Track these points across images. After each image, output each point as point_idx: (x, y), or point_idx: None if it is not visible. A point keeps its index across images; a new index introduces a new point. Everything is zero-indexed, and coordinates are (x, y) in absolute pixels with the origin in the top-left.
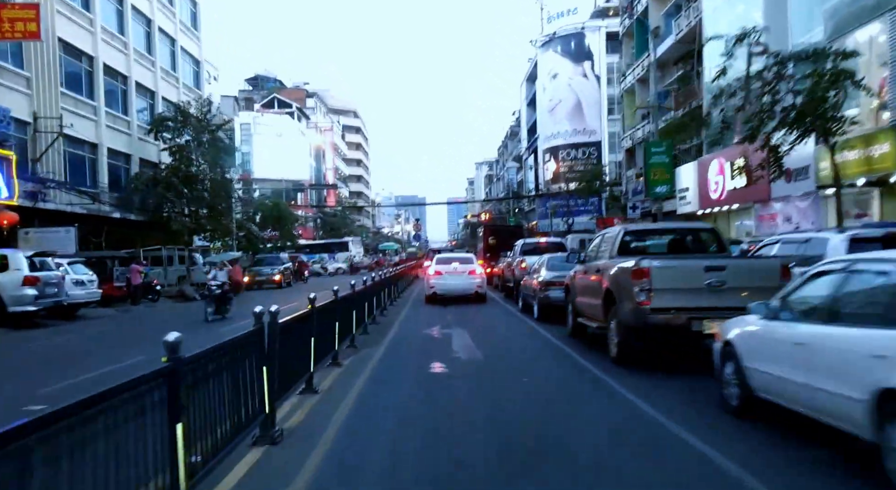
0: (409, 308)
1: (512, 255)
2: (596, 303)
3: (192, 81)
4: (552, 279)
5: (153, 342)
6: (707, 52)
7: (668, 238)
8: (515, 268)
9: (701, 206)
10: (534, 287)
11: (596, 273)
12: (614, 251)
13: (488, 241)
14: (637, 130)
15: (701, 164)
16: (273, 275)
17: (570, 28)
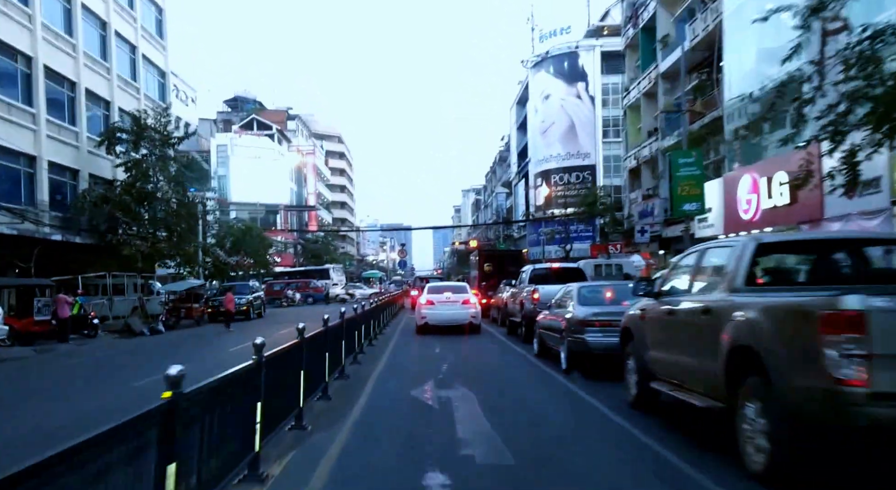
0: (393, 350)
1: (517, 283)
2: (704, 366)
3: (157, 94)
4: (590, 318)
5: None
6: (729, 56)
7: (821, 255)
8: (525, 299)
9: (727, 229)
10: (559, 326)
11: (701, 316)
12: (738, 280)
13: (483, 267)
14: (643, 148)
15: (728, 181)
16: (240, 305)
17: (564, 47)
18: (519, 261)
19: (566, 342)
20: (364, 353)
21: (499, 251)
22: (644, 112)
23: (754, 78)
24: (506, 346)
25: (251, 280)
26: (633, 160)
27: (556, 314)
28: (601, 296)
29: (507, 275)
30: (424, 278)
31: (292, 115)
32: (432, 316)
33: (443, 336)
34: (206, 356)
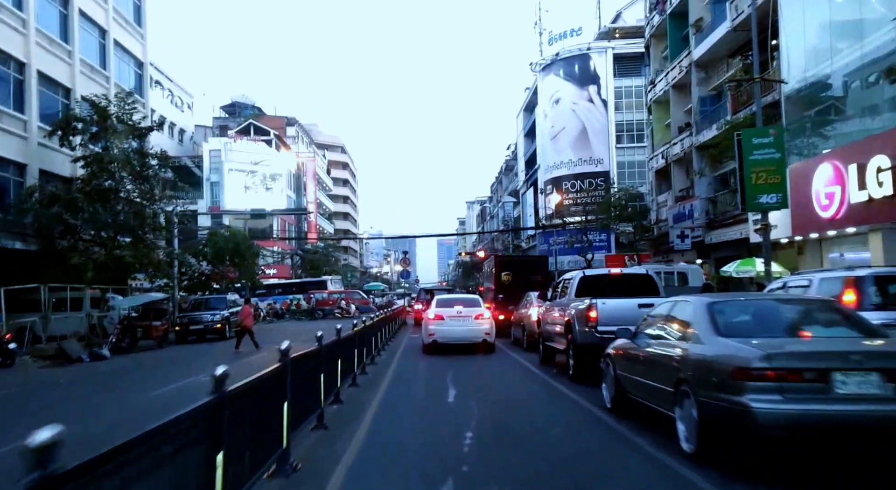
0: (392, 379)
1: (554, 295)
2: None
3: (134, 85)
4: (758, 364)
5: None
6: (788, 33)
7: None
8: (576, 319)
9: (796, 231)
10: (670, 373)
11: None
12: None
13: (500, 277)
14: (673, 145)
15: (796, 173)
16: (214, 323)
17: (574, 49)
18: (543, 269)
19: (698, 405)
20: (357, 386)
21: (519, 258)
22: (674, 106)
23: (820, 54)
24: (546, 385)
25: (231, 293)
26: (660, 160)
27: (654, 348)
28: (766, 319)
29: (530, 285)
30: (430, 291)
31: (292, 120)
32: (442, 333)
33: (455, 361)
34: (101, 408)
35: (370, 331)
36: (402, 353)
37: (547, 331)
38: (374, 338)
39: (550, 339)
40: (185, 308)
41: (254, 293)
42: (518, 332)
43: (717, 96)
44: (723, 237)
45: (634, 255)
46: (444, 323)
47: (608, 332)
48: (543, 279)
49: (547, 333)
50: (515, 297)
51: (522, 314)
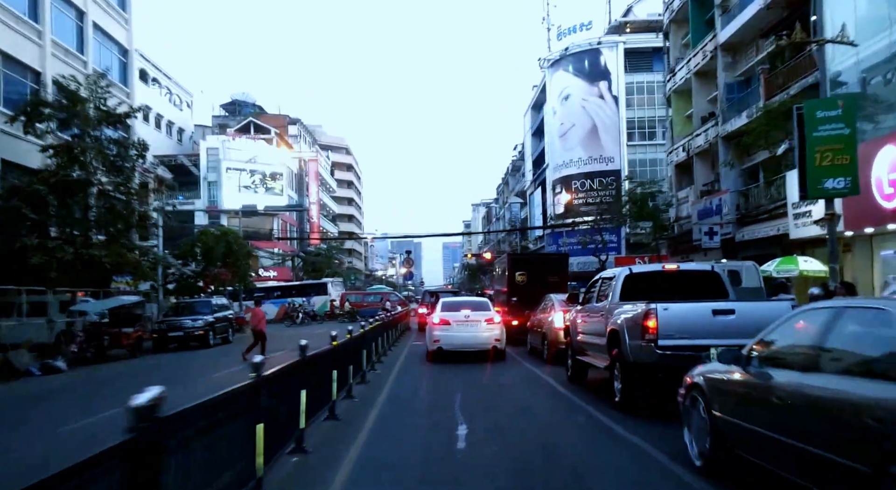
0: (383, 410)
1: (593, 297)
2: None
3: (117, 75)
4: None
5: None
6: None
7: None
8: (624, 329)
9: (849, 225)
10: (869, 440)
11: None
12: None
13: (515, 278)
14: (696, 137)
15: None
16: (195, 329)
17: (584, 44)
18: (562, 268)
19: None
20: (336, 419)
21: (535, 256)
22: (696, 95)
23: (876, 24)
24: (589, 418)
25: (217, 296)
26: (680, 153)
27: (808, 388)
28: None
29: (547, 287)
30: (435, 293)
31: (294, 119)
32: (447, 339)
33: (464, 375)
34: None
35: (353, 345)
36: (403, 366)
37: (580, 342)
38: (367, 349)
39: (583, 353)
40: (166, 312)
41: (249, 296)
42: (536, 341)
43: (746, 82)
44: (755, 234)
45: (645, 256)
46: (450, 328)
47: (674, 347)
48: (562, 280)
49: (579, 346)
50: (531, 301)
51: (541, 320)
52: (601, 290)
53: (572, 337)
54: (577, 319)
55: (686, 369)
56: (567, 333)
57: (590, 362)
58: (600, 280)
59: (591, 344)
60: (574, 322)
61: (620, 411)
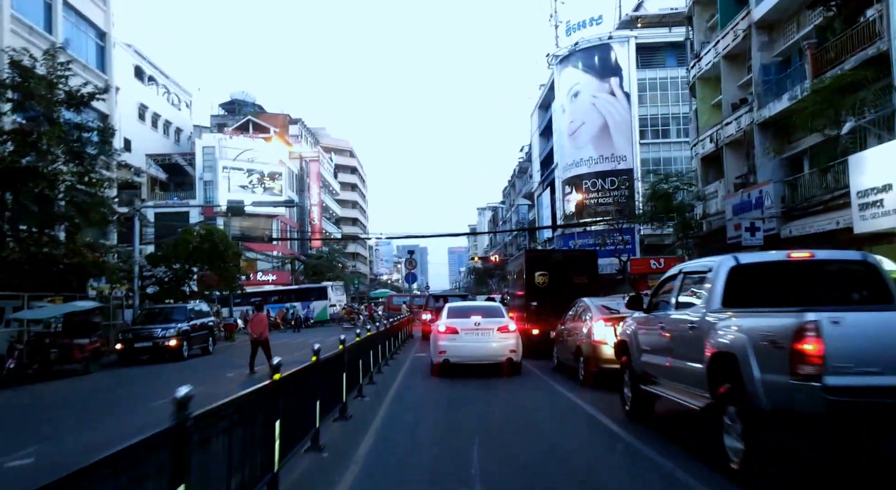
0: (369, 460)
1: (671, 300)
2: None
3: (94, 59)
4: None
5: None
6: None
7: None
8: (751, 356)
9: None
10: None
11: None
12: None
13: (535, 279)
14: (726, 126)
15: None
16: (165, 339)
17: (594, 39)
18: (590, 267)
19: None
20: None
21: (558, 253)
22: (726, 80)
23: None
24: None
25: (196, 301)
26: (707, 144)
27: None
28: None
29: (574, 289)
30: (440, 297)
31: (295, 119)
32: (455, 350)
33: (479, 404)
34: None
35: (332, 364)
36: (401, 385)
37: (647, 366)
38: (357, 366)
39: (652, 382)
40: (135, 320)
41: (243, 302)
42: (566, 356)
43: (785, 63)
44: (806, 228)
45: (661, 258)
46: (457, 338)
47: (856, 389)
48: (591, 281)
49: (646, 370)
50: (555, 306)
51: (573, 330)
52: (685, 290)
53: (632, 357)
54: (640, 332)
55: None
56: (621, 351)
57: (665, 396)
58: (681, 276)
59: (671, 371)
60: (635, 336)
61: (742, 487)
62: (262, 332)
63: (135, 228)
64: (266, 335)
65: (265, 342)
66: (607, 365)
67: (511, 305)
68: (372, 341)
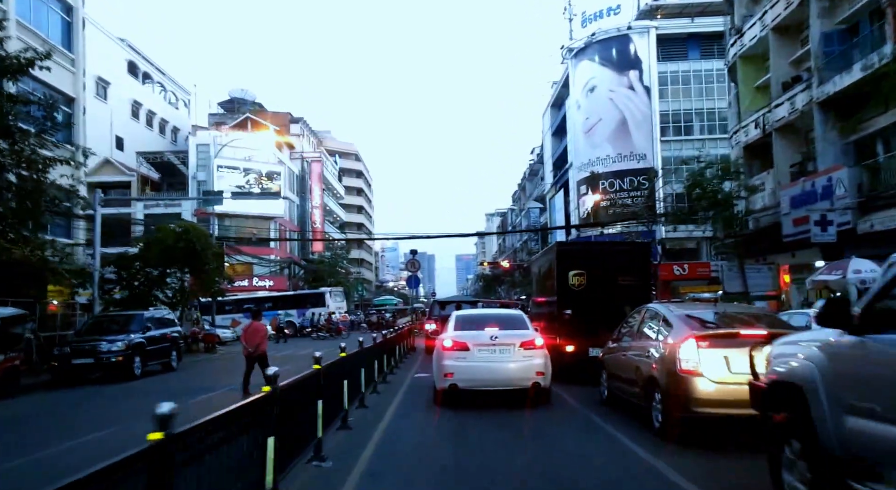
0: None
1: None
2: None
3: (60, 38)
4: None
5: None
6: None
7: None
8: None
9: None
10: None
11: None
12: None
13: (566, 279)
14: (776, 108)
15: None
16: (110, 354)
17: (612, 30)
18: (641, 264)
19: None
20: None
21: (599, 246)
22: (775, 55)
23: None
24: None
25: (156, 308)
26: (752, 131)
27: None
28: None
29: (622, 293)
30: (446, 303)
31: (296, 117)
32: (465, 371)
33: (499, 449)
34: None
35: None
36: (389, 424)
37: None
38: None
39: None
40: (78, 331)
41: (222, 309)
42: (625, 387)
43: (851, 30)
44: (864, 226)
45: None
46: (468, 356)
47: None
48: (642, 282)
49: (885, 457)
50: (595, 315)
51: (636, 349)
52: None
53: (819, 419)
54: (849, 374)
55: None
56: (770, 402)
57: None
58: None
59: None
60: (832, 381)
61: None
62: (259, 343)
63: (95, 225)
64: (264, 348)
65: (263, 357)
66: (705, 409)
67: (533, 314)
68: (358, 360)
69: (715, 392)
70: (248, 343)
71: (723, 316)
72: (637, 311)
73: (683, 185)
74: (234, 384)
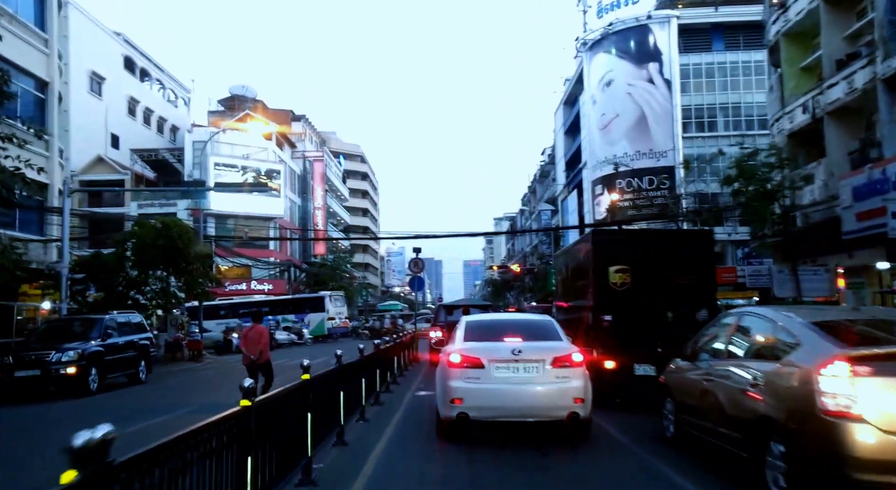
0: None
1: None
2: None
3: (32, 14)
4: None
5: None
6: None
7: None
8: None
9: None
10: None
11: None
12: None
13: (606, 277)
14: (830, 88)
15: None
16: (60, 366)
17: (630, 20)
18: (705, 258)
19: None
20: None
21: (649, 235)
22: (827, 30)
23: None
24: None
25: (124, 312)
26: (798, 116)
27: None
28: None
29: (681, 296)
30: (455, 307)
31: (298, 115)
32: (478, 397)
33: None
34: None
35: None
36: (375, 476)
37: None
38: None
39: None
40: (28, 336)
41: (216, 314)
42: (705, 425)
43: None
44: None
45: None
46: (483, 376)
47: None
48: (705, 281)
49: None
50: (645, 323)
51: (727, 372)
52: None
53: None
54: None
55: None
56: None
57: None
58: None
59: None
60: None
61: None
62: (262, 350)
63: (64, 217)
64: (268, 355)
65: (266, 366)
66: (869, 477)
67: (560, 321)
68: (339, 379)
69: (884, 447)
70: (249, 350)
71: (877, 324)
72: (725, 316)
73: (722, 176)
74: (208, 402)
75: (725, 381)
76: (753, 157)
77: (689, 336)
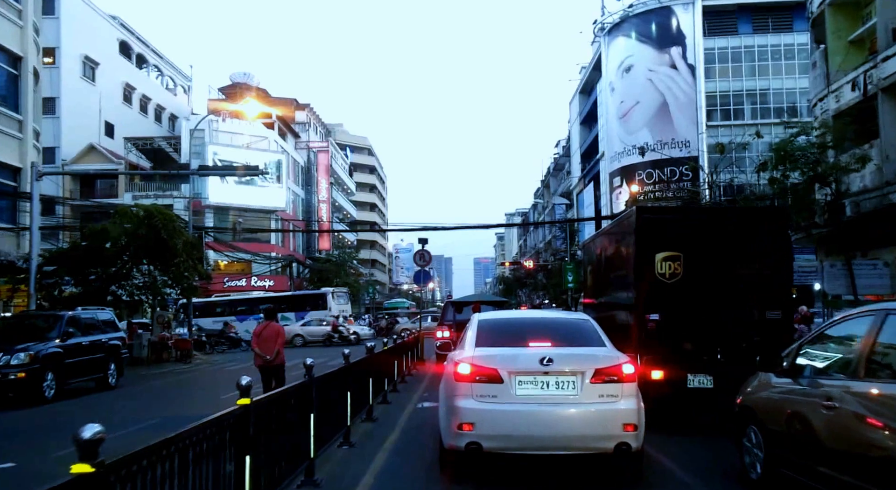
0: None
1: None
2: None
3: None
4: None
5: None
6: None
7: None
8: None
9: None
10: None
11: None
12: None
13: (652, 265)
14: (884, 62)
15: None
16: (9, 369)
17: (652, 2)
18: (780, 244)
19: None
20: None
21: (706, 214)
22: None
23: None
24: None
25: (80, 308)
26: (847, 94)
27: None
28: None
29: (749, 290)
30: (465, 304)
31: (302, 103)
32: (494, 423)
33: None
34: None
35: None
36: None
37: None
38: None
39: None
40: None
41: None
42: (826, 472)
43: None
44: None
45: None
46: (501, 393)
47: None
48: (778, 271)
49: None
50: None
51: (864, 398)
52: None
53: None
54: None
55: None
56: None
57: None
58: None
59: None
60: None
61: None
62: (278, 350)
63: (33, 203)
64: (283, 357)
65: (279, 368)
66: None
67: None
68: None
69: None
70: (263, 350)
71: None
72: (853, 316)
73: (759, 161)
74: (172, 415)
75: (862, 410)
76: (798, 137)
77: (756, 341)
